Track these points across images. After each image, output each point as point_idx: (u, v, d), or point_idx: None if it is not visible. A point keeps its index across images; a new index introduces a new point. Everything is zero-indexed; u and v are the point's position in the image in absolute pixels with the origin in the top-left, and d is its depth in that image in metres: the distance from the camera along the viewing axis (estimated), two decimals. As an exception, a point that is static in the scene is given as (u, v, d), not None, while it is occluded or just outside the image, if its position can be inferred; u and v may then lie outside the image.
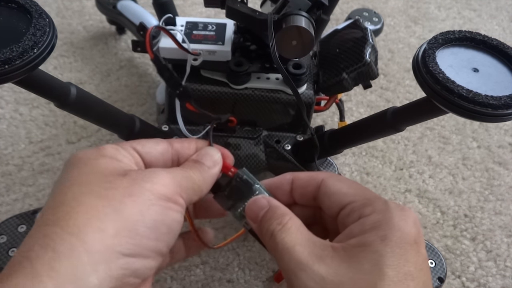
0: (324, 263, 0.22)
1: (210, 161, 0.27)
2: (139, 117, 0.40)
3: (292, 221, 0.25)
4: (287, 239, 0.24)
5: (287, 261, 0.23)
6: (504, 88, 0.28)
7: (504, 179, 0.53)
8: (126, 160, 0.25)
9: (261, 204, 0.27)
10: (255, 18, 0.35)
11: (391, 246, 0.22)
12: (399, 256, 0.22)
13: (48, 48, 0.26)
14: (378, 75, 0.39)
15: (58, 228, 0.20)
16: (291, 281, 0.23)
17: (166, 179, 0.24)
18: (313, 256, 0.23)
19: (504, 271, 0.44)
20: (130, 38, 0.67)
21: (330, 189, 0.26)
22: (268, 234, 0.25)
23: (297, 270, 0.23)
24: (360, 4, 0.78)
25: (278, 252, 0.24)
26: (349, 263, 0.22)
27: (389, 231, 0.23)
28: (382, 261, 0.22)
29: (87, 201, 0.21)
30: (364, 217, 0.24)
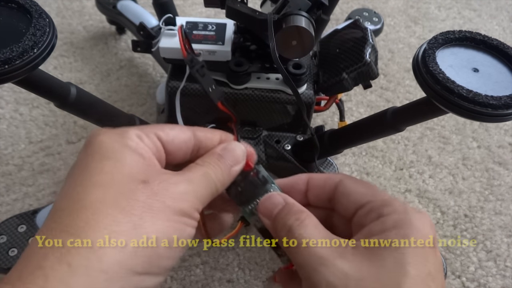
0: (346, 259, 0.23)
1: (233, 158, 0.26)
2: (139, 117, 0.40)
3: (310, 218, 0.25)
4: (306, 235, 0.24)
5: (306, 257, 0.23)
6: (504, 88, 0.28)
7: (504, 179, 0.53)
8: (148, 153, 0.24)
9: (276, 201, 0.27)
10: (255, 18, 0.35)
11: (413, 246, 0.22)
12: (421, 256, 0.22)
13: (48, 48, 0.26)
14: (378, 75, 0.39)
15: (75, 238, 0.20)
16: (310, 277, 0.23)
17: (187, 193, 0.23)
18: (334, 252, 0.23)
19: (504, 271, 0.44)
20: (130, 38, 0.67)
21: (348, 188, 0.26)
22: (285, 230, 0.25)
23: (317, 265, 0.23)
24: (360, 4, 0.78)
25: (296, 247, 0.24)
26: (371, 261, 0.22)
27: (410, 231, 0.23)
28: (405, 259, 0.22)
29: (108, 212, 0.21)
30: (384, 217, 0.24)
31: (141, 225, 0.21)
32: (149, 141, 0.25)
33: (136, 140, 0.24)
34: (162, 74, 0.62)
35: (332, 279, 0.22)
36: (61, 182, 0.49)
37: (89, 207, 0.21)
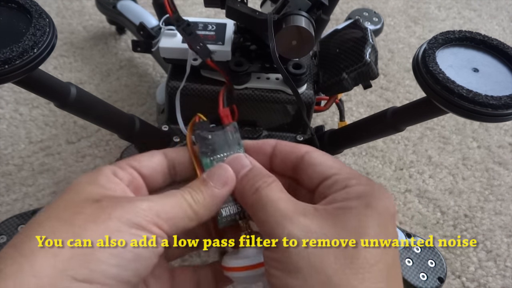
0: (309, 218, 0.23)
1: (218, 181, 0.26)
2: (139, 117, 0.40)
3: (276, 182, 0.26)
4: (272, 195, 0.25)
5: (271, 213, 0.24)
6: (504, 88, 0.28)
7: (504, 179, 0.53)
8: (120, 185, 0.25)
9: (243, 162, 0.27)
10: (255, 18, 0.35)
11: (374, 213, 0.23)
12: (381, 223, 0.23)
13: (48, 48, 0.26)
14: (378, 75, 0.39)
15: (13, 249, 0.20)
16: (272, 231, 0.24)
17: (140, 207, 0.23)
18: (298, 211, 0.24)
19: (504, 271, 0.44)
20: (130, 38, 0.67)
21: (315, 159, 0.27)
22: (252, 190, 0.26)
23: (281, 220, 0.23)
24: (360, 4, 0.78)
25: (261, 204, 0.25)
26: (332, 222, 0.23)
27: (372, 201, 0.24)
28: (365, 223, 0.23)
29: (49, 224, 0.21)
30: (349, 187, 0.25)
31: (80, 233, 0.21)
32: (124, 173, 0.26)
33: (109, 175, 0.25)
34: (162, 74, 0.62)
35: (295, 232, 0.23)
36: (61, 182, 0.49)
37: (36, 224, 0.22)
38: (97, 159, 0.52)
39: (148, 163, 0.27)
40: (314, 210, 0.24)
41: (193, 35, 0.33)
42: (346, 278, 0.22)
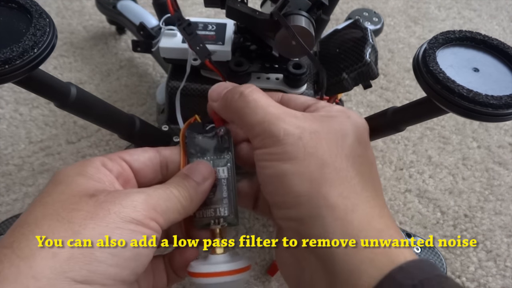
0: (299, 119, 0.25)
1: (200, 176, 0.27)
2: (139, 117, 0.40)
3: (259, 90, 0.27)
4: (260, 99, 0.26)
5: (262, 115, 0.25)
6: (505, 87, 0.28)
7: (504, 179, 0.53)
8: (109, 176, 0.25)
9: (224, 85, 0.29)
10: (255, 18, 0.35)
11: (354, 122, 0.26)
12: (360, 133, 0.26)
13: (48, 48, 0.26)
14: (378, 75, 0.39)
15: (10, 250, 0.20)
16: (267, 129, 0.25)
17: (137, 201, 0.23)
18: (287, 113, 0.26)
19: (504, 271, 0.44)
20: (130, 38, 0.67)
21: (294, 96, 0.30)
22: (236, 95, 0.27)
23: (274, 120, 0.25)
24: (360, 4, 0.78)
25: (250, 108, 0.26)
26: (320, 122, 0.26)
27: (352, 117, 0.27)
28: (347, 127, 0.26)
29: (46, 223, 0.21)
30: (329, 107, 0.28)
31: (80, 232, 0.20)
32: (114, 164, 0.25)
33: (98, 166, 0.25)
34: (162, 74, 0.62)
35: (289, 128, 0.25)
36: (61, 182, 0.49)
37: (31, 222, 0.21)
38: (97, 159, 0.52)
39: (139, 157, 0.27)
40: (302, 114, 0.26)
41: (193, 35, 0.33)
42: (340, 160, 0.24)
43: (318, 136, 0.25)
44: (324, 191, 0.23)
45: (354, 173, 0.24)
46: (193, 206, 0.26)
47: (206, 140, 0.29)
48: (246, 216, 0.46)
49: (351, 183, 0.24)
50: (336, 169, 0.24)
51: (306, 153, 0.24)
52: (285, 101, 0.30)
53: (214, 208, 0.28)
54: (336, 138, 0.25)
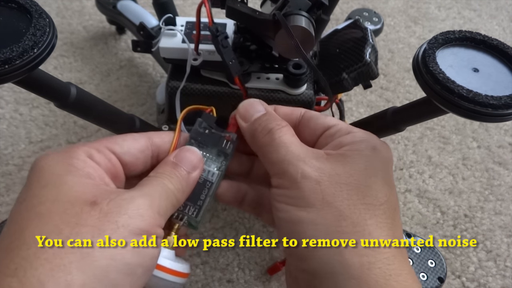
0: (321, 161, 0.24)
1: (190, 165, 0.26)
2: (139, 117, 0.40)
3: (289, 127, 0.27)
4: (285, 138, 0.26)
5: (283, 154, 0.25)
6: (504, 88, 0.28)
7: (504, 179, 0.53)
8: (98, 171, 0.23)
9: (258, 108, 0.28)
10: (255, 18, 0.35)
11: (381, 156, 0.25)
12: (387, 167, 0.25)
13: (48, 48, 0.26)
14: (378, 75, 0.39)
15: (15, 280, 0.17)
16: (286, 170, 0.24)
17: (143, 208, 0.21)
18: (310, 155, 0.25)
19: (504, 271, 0.44)
20: (130, 38, 0.67)
21: (315, 114, 0.29)
22: (265, 131, 0.26)
23: (294, 161, 0.24)
24: (360, 4, 0.78)
25: (274, 146, 0.25)
26: (343, 163, 0.24)
27: (378, 145, 0.25)
28: (374, 164, 0.24)
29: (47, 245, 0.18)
30: (353, 132, 0.26)
31: (89, 253, 0.18)
32: (101, 156, 0.23)
33: (84, 158, 0.22)
34: (162, 74, 0.62)
35: (308, 170, 0.24)
36: (61, 182, 0.49)
37: (31, 241, 0.18)
38: (97, 159, 0.52)
39: (130, 149, 0.25)
40: (325, 154, 0.25)
41: (228, 48, 0.33)
42: (358, 212, 0.23)
43: (338, 181, 0.23)
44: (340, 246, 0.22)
45: (373, 227, 0.22)
46: (185, 196, 0.25)
47: (212, 136, 0.28)
48: (246, 216, 0.46)
49: (368, 239, 0.22)
50: (354, 223, 0.22)
51: (323, 202, 0.23)
52: (306, 118, 0.29)
53: (185, 203, 0.27)
54: (358, 182, 0.23)
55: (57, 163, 0.22)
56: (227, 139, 0.28)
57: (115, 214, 0.20)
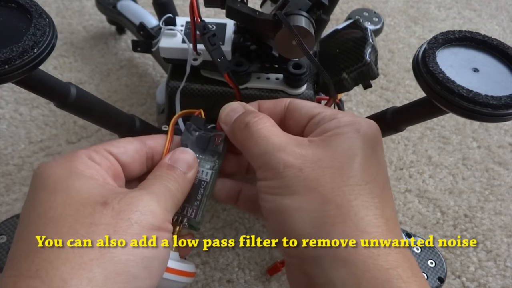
0: (303, 147, 0.24)
1: (185, 165, 0.26)
2: (139, 117, 0.40)
3: (266, 118, 0.26)
4: (264, 129, 0.25)
5: (264, 146, 0.24)
6: (504, 88, 0.28)
7: (504, 179, 0.53)
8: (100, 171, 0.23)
9: (237, 109, 0.28)
10: (255, 18, 0.35)
11: (365, 137, 0.24)
12: (371, 147, 0.24)
13: (48, 48, 0.26)
14: (378, 75, 0.39)
15: (38, 281, 0.18)
16: (268, 162, 0.24)
17: (152, 205, 0.22)
18: (291, 143, 0.24)
19: (504, 271, 0.44)
20: (130, 38, 0.67)
21: (299, 104, 0.28)
22: (242, 125, 0.26)
23: (275, 151, 0.24)
24: (360, 4, 0.78)
25: (253, 140, 0.25)
26: (326, 147, 0.24)
27: (362, 128, 0.25)
28: (357, 145, 0.24)
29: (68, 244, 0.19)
30: (338, 118, 0.26)
31: (108, 250, 0.19)
32: (101, 157, 0.24)
33: (86, 160, 0.23)
34: (162, 74, 0.62)
35: (290, 159, 0.23)
36: (61, 182, 0.49)
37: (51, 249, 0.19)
38: (97, 159, 0.52)
39: (127, 150, 0.26)
40: (307, 141, 0.25)
41: (216, 46, 0.33)
42: (343, 194, 0.22)
43: (320, 166, 0.23)
44: (325, 230, 0.22)
45: (358, 208, 0.22)
46: (184, 196, 0.26)
47: (202, 137, 0.29)
48: (246, 216, 0.46)
49: (354, 220, 0.22)
50: (338, 205, 0.22)
51: (306, 188, 0.22)
52: (291, 108, 0.28)
53: (183, 205, 0.27)
54: (341, 164, 0.23)
55: (60, 168, 0.22)
56: (217, 138, 0.29)
57: (127, 212, 0.21)
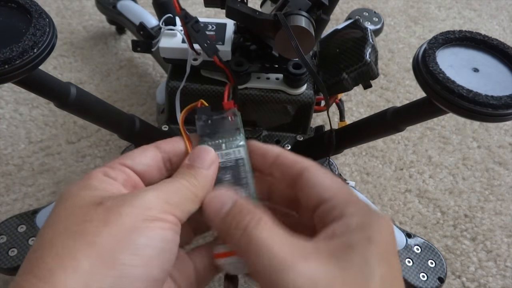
0: (310, 263, 0.22)
1: (204, 162, 0.26)
2: (139, 117, 0.40)
3: (267, 217, 0.24)
4: (265, 236, 0.22)
5: (267, 261, 0.22)
6: (504, 88, 0.28)
7: (504, 179, 0.53)
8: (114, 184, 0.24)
9: (223, 199, 0.25)
10: (255, 18, 0.35)
11: (378, 248, 0.22)
12: (386, 260, 0.22)
13: (48, 48, 0.26)
14: (378, 75, 0.39)
15: (31, 276, 0.19)
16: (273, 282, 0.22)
17: (148, 198, 0.22)
18: (297, 255, 0.22)
19: (504, 271, 0.44)
20: (130, 38, 0.67)
21: (313, 178, 0.25)
22: (240, 230, 0.23)
23: (281, 270, 0.21)
24: (360, 4, 0.78)
25: (254, 251, 0.22)
26: (337, 264, 0.22)
27: (374, 234, 0.22)
28: (371, 261, 0.22)
29: (60, 241, 0.20)
30: (347, 216, 0.23)
31: (95, 241, 0.20)
32: (116, 172, 0.25)
33: (101, 177, 0.24)
34: (162, 74, 0.62)
35: (300, 281, 0.21)
36: (61, 182, 0.49)
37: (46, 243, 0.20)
38: (97, 159, 0.52)
39: (141, 159, 0.26)
40: (315, 251, 0.22)
41: (201, 32, 0.33)
42: None
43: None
44: None
45: None
46: (205, 191, 0.26)
47: (216, 122, 0.29)
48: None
49: None
50: None
51: None
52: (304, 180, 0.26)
53: (234, 189, 0.27)
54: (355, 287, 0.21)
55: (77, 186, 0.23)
56: (230, 116, 0.29)
57: (119, 207, 0.21)
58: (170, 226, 0.23)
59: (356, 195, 0.25)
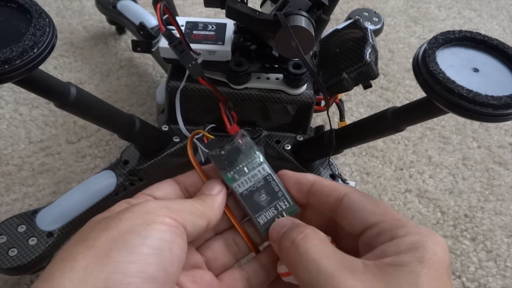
0: (358, 278, 0.21)
1: (213, 190, 0.27)
2: (139, 117, 0.40)
3: (315, 232, 0.24)
4: (313, 249, 0.22)
5: (314, 274, 0.22)
6: (505, 88, 0.28)
7: (504, 179, 0.53)
8: None
9: (285, 222, 0.26)
10: (255, 18, 0.35)
11: (429, 268, 0.21)
12: (436, 279, 0.21)
13: (48, 48, 0.26)
14: (378, 75, 0.39)
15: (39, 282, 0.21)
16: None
17: (149, 205, 0.23)
18: (344, 269, 0.21)
19: (504, 271, 0.44)
20: (130, 38, 0.67)
21: (355, 204, 0.25)
22: (288, 243, 0.24)
23: (327, 281, 0.21)
24: (360, 4, 0.78)
25: (302, 263, 0.22)
26: (384, 282, 0.21)
27: (426, 254, 0.22)
28: (421, 281, 0.21)
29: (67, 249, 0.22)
30: (398, 238, 0.23)
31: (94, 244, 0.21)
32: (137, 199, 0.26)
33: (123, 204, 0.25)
34: (162, 74, 0.62)
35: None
36: (61, 182, 0.49)
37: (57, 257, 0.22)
38: (97, 159, 0.52)
39: (159, 187, 0.27)
40: (363, 266, 0.22)
41: (185, 52, 0.33)
42: None
43: None
44: None
45: None
46: (213, 210, 0.26)
47: (229, 153, 0.29)
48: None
49: None
50: None
51: None
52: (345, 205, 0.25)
53: (274, 205, 0.28)
54: None
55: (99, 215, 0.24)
56: (240, 140, 0.29)
57: (120, 214, 0.22)
58: (168, 228, 0.23)
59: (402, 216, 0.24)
